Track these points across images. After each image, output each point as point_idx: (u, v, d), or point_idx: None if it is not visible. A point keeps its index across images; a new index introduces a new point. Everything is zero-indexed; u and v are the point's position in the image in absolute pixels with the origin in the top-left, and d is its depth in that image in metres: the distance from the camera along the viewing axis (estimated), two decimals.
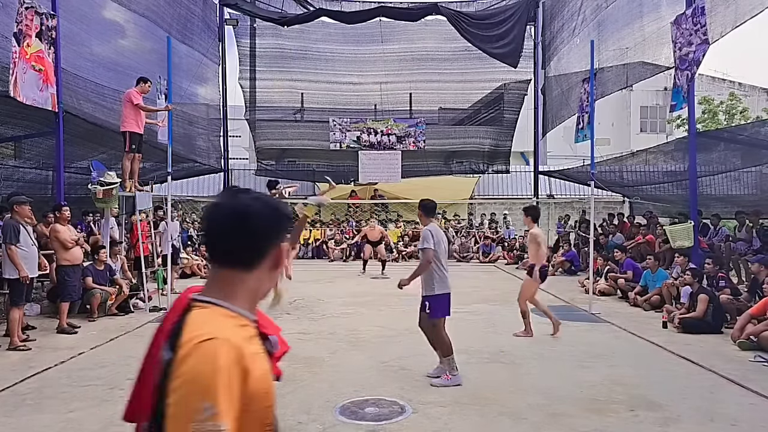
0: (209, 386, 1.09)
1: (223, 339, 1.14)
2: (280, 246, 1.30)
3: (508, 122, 20.39)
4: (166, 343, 1.21)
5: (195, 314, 1.22)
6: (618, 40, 13.21)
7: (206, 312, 1.22)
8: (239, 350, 1.15)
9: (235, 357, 1.13)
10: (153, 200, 10.20)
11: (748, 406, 4.77)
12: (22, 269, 6.61)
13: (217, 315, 1.22)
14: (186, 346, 1.14)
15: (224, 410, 1.09)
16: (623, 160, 14.62)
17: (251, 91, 20.44)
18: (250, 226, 1.26)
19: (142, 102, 9.23)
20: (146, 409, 1.23)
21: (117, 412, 4.50)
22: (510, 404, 4.76)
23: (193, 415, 1.08)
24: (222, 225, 1.27)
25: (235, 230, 1.25)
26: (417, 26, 19.56)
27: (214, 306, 1.23)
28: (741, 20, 8.51)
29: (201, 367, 1.11)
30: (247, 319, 1.26)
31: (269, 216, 1.29)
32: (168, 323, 1.26)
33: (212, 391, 1.09)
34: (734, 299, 8.18)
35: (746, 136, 10.08)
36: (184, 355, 1.13)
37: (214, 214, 1.29)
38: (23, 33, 7.95)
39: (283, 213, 1.32)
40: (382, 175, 19.59)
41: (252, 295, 1.29)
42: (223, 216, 1.27)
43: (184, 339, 1.16)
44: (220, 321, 1.20)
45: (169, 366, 1.15)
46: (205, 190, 20.25)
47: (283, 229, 1.32)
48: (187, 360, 1.12)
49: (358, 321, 8.25)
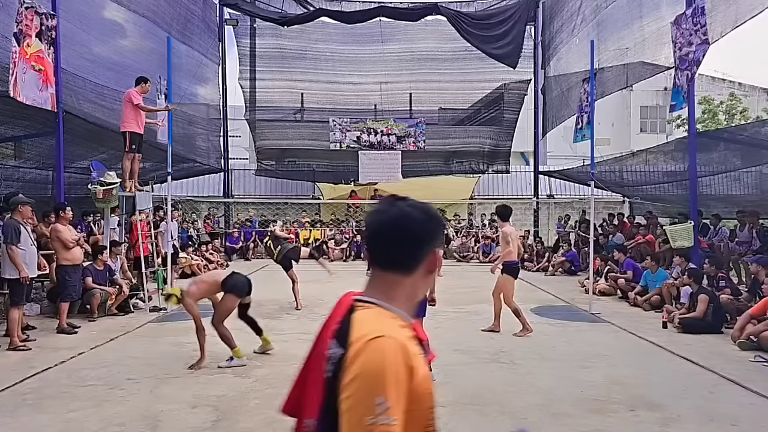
0: (381, 381, 1.14)
1: (391, 337, 1.20)
2: (434, 251, 1.36)
3: (508, 122, 20.39)
4: (333, 341, 1.27)
5: (360, 314, 1.28)
6: (618, 40, 13.21)
7: (371, 312, 1.29)
8: (406, 349, 1.20)
9: (402, 355, 1.18)
10: (153, 200, 10.20)
11: (748, 406, 4.77)
12: (23, 270, 6.62)
13: (381, 315, 1.28)
14: (357, 344, 1.19)
15: (394, 405, 1.14)
16: (623, 160, 14.62)
17: (251, 91, 20.44)
18: (408, 232, 1.32)
19: (142, 102, 9.23)
20: (314, 405, 1.28)
21: (117, 412, 4.52)
22: (510, 404, 4.76)
23: (368, 409, 1.13)
24: (383, 231, 1.34)
25: (395, 236, 1.33)
26: (417, 26, 19.56)
27: (376, 306, 1.30)
28: (741, 20, 8.50)
29: (372, 363, 1.16)
30: (405, 321, 1.31)
31: (426, 223, 1.35)
32: (333, 322, 1.33)
33: (384, 386, 1.14)
34: (734, 299, 8.18)
35: (746, 136, 10.07)
36: (355, 352, 1.18)
37: (377, 221, 1.36)
38: (23, 33, 7.95)
39: (438, 220, 1.39)
40: (382, 175, 19.59)
41: (409, 298, 1.35)
42: (384, 223, 1.35)
43: (354, 336, 1.21)
44: (384, 321, 1.26)
45: (340, 362, 1.21)
46: (205, 190, 20.25)
47: (438, 236, 1.38)
48: (359, 356, 1.17)
49: None
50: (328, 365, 1.25)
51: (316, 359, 1.33)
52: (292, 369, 5.54)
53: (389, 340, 1.19)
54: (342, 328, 1.27)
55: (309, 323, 8.08)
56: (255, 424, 4.31)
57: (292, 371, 5.26)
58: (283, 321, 8.27)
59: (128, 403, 4.75)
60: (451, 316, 8.50)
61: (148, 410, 4.59)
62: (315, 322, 7.74)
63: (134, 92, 9.16)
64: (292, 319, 8.36)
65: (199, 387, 5.16)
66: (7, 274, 6.68)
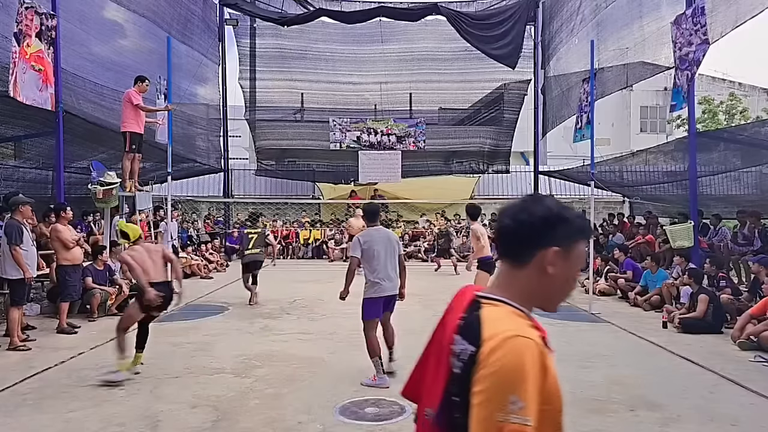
0: (517, 380, 1.15)
1: (526, 337, 1.20)
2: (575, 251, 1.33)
3: (508, 122, 20.39)
4: (458, 337, 1.28)
5: (489, 311, 1.28)
6: (618, 40, 13.20)
7: (499, 310, 1.28)
8: (540, 348, 1.21)
9: (538, 354, 1.19)
10: (153, 200, 10.19)
11: (748, 406, 4.77)
12: (28, 270, 6.63)
13: (510, 313, 1.28)
14: (491, 342, 1.19)
15: (530, 405, 1.14)
16: (623, 160, 14.62)
17: (251, 91, 20.44)
18: (522, 224, 1.32)
19: (141, 102, 9.23)
20: (435, 396, 1.30)
21: (117, 412, 4.52)
22: None
23: (501, 406, 1.13)
24: (504, 224, 1.34)
25: (511, 228, 1.33)
26: (417, 26, 19.55)
27: (503, 304, 1.30)
28: (741, 20, 8.50)
29: (509, 361, 1.16)
30: (532, 320, 1.31)
31: (544, 216, 1.32)
32: (454, 316, 1.33)
33: (520, 385, 1.15)
34: (734, 299, 8.18)
35: (746, 136, 10.07)
36: (490, 350, 1.18)
37: (502, 214, 1.36)
38: (23, 33, 7.95)
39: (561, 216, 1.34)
40: (382, 175, 19.58)
41: (527, 294, 1.33)
42: (505, 215, 1.35)
43: (487, 334, 1.21)
44: (515, 319, 1.26)
45: (471, 359, 1.21)
46: (205, 190, 20.25)
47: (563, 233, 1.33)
48: (495, 353, 1.17)
49: (358, 321, 8.21)
50: (455, 360, 1.26)
51: (438, 350, 1.36)
52: (292, 369, 5.55)
53: (525, 339, 1.19)
54: (469, 324, 1.27)
55: (309, 323, 8.08)
56: (255, 424, 4.31)
57: (291, 371, 5.27)
58: (283, 321, 8.27)
59: (128, 403, 4.75)
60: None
61: (148, 410, 4.59)
62: (315, 322, 7.78)
63: (133, 92, 9.16)
64: (292, 319, 8.36)
65: (199, 387, 5.16)
66: (9, 275, 6.68)
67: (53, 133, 9.44)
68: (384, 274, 5.27)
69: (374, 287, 5.28)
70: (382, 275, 5.26)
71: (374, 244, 5.29)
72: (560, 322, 8.17)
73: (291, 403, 4.75)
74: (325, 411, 4.55)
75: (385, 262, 5.28)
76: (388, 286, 5.31)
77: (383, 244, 5.33)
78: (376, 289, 5.28)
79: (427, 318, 8.38)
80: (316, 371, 5.67)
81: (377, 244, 5.29)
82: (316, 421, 4.35)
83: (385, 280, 5.28)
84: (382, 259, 5.27)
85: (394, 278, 5.37)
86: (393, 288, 5.38)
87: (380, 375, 5.20)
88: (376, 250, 5.27)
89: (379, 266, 5.26)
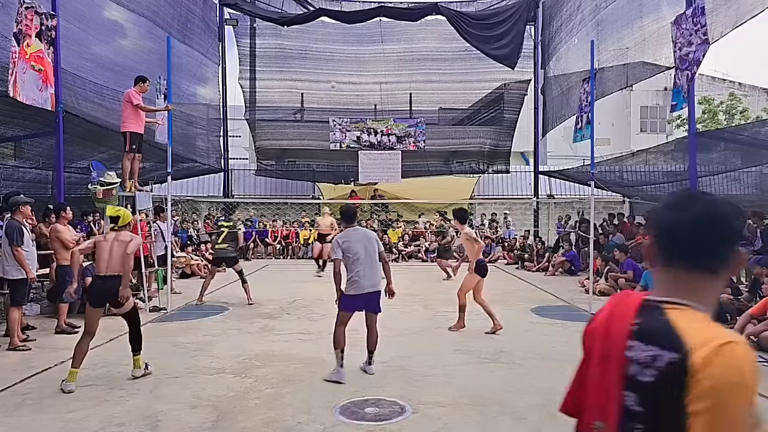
0: (746, 392, 1.11)
1: (740, 342, 1.15)
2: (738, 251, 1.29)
3: (508, 122, 20.41)
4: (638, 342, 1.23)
5: (678, 315, 1.22)
6: (618, 40, 13.22)
7: (690, 314, 1.23)
8: (753, 353, 1.15)
9: (753, 360, 1.14)
10: (153, 200, 10.18)
11: None
12: (30, 271, 6.63)
13: (704, 317, 1.23)
14: (704, 349, 1.13)
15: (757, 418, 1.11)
16: (623, 160, 14.63)
17: (251, 91, 20.46)
18: (718, 230, 1.25)
19: (141, 102, 9.23)
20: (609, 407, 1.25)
21: (117, 412, 4.52)
22: (510, 404, 4.76)
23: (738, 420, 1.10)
24: (690, 230, 1.26)
25: (705, 235, 1.25)
26: (417, 26, 19.57)
27: (688, 308, 1.24)
28: (741, 20, 8.51)
29: (734, 371, 1.11)
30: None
31: (733, 220, 1.27)
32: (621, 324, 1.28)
33: (749, 396, 1.10)
34: (734, 299, 8.17)
35: (746, 136, 10.08)
36: (706, 358, 1.12)
37: (679, 218, 1.28)
38: (23, 33, 7.95)
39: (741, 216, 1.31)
40: (382, 175, 19.60)
41: (713, 300, 1.29)
42: (690, 220, 1.26)
43: (695, 340, 1.15)
44: (712, 324, 1.21)
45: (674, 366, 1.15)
46: (205, 190, 20.26)
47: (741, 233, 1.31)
48: (714, 364, 1.12)
49: (358, 321, 8.23)
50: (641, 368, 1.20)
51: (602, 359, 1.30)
52: (292, 369, 5.53)
53: (740, 345, 1.14)
54: (654, 330, 1.22)
55: (309, 323, 8.08)
56: (255, 424, 4.31)
57: (291, 371, 5.25)
58: (283, 321, 8.27)
59: (128, 403, 4.75)
60: (451, 316, 8.49)
61: (148, 410, 4.59)
62: (315, 322, 7.77)
63: (133, 92, 9.16)
64: (292, 319, 8.36)
65: (199, 387, 5.16)
66: (9, 275, 6.68)
67: (53, 133, 9.44)
68: (363, 272, 5.40)
69: (353, 285, 5.43)
70: (361, 273, 5.39)
71: (353, 243, 5.42)
72: (560, 322, 8.18)
73: (291, 403, 4.75)
74: (325, 411, 4.55)
75: (364, 260, 5.41)
76: (366, 283, 5.42)
77: (362, 243, 5.46)
78: (355, 287, 5.43)
79: (427, 318, 8.41)
80: (316, 371, 5.67)
81: (356, 244, 5.43)
82: (316, 421, 4.35)
83: (364, 278, 5.40)
84: (361, 258, 5.40)
85: (374, 276, 5.48)
86: (373, 285, 5.48)
87: (338, 368, 5.32)
88: (355, 250, 5.40)
89: (358, 265, 5.38)
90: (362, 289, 5.41)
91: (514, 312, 8.93)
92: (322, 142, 20.25)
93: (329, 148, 20.22)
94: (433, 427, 4.28)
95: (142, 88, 9.25)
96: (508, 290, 11.43)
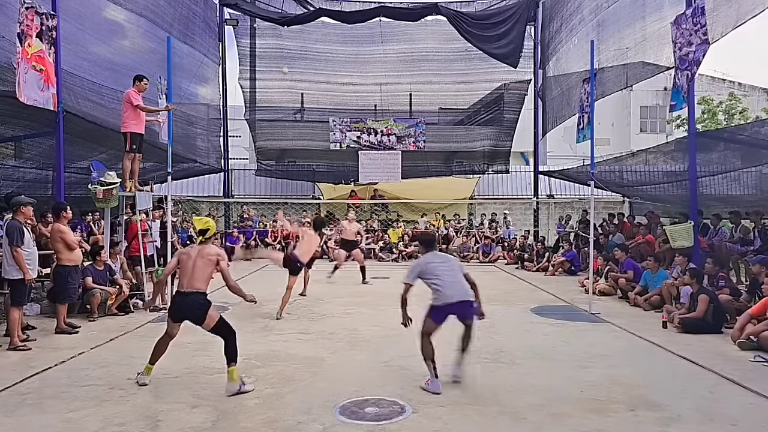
0: None
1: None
2: None
3: (508, 122, 20.40)
4: None
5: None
6: (619, 40, 13.21)
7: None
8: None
9: None
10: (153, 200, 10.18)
11: (748, 406, 4.77)
12: (28, 272, 6.62)
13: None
14: None
15: None
16: (623, 160, 14.61)
17: (251, 91, 20.46)
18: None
19: (141, 102, 9.23)
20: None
21: (117, 412, 4.52)
22: (510, 404, 4.76)
23: None
24: None
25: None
26: (417, 26, 19.58)
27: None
28: (742, 20, 8.50)
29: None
30: None
31: None
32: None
33: None
34: (734, 299, 8.18)
35: (746, 136, 10.06)
36: None
37: None
38: (24, 33, 7.96)
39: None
40: (382, 175, 19.60)
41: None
42: None
43: None
44: None
45: None
46: (205, 190, 20.27)
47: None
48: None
49: (358, 321, 8.25)
50: None
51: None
52: (292, 369, 5.54)
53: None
54: None
55: (309, 323, 8.09)
56: (255, 424, 4.32)
57: (291, 371, 5.26)
58: (283, 321, 8.27)
59: (128, 403, 4.75)
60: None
61: (148, 410, 4.59)
62: (315, 322, 7.79)
63: (133, 92, 9.16)
64: (292, 319, 8.37)
65: (199, 387, 5.17)
66: (9, 275, 6.67)
67: (53, 133, 9.44)
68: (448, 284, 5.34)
69: (440, 296, 5.34)
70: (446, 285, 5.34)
71: (433, 264, 5.43)
72: (560, 322, 8.18)
73: (291, 403, 4.75)
74: (325, 411, 4.55)
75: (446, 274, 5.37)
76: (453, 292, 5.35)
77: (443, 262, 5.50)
78: (442, 297, 5.34)
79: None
80: (316, 371, 5.67)
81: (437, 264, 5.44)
82: (316, 421, 4.36)
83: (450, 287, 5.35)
84: (443, 272, 5.37)
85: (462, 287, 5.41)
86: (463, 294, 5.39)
87: (432, 378, 5.18)
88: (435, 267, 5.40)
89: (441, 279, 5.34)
90: (451, 299, 5.30)
91: (514, 312, 8.94)
92: (322, 142, 20.26)
93: (329, 148, 20.23)
94: (433, 427, 4.28)
95: (140, 87, 9.25)
96: (508, 290, 11.43)
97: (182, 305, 5.11)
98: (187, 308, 5.07)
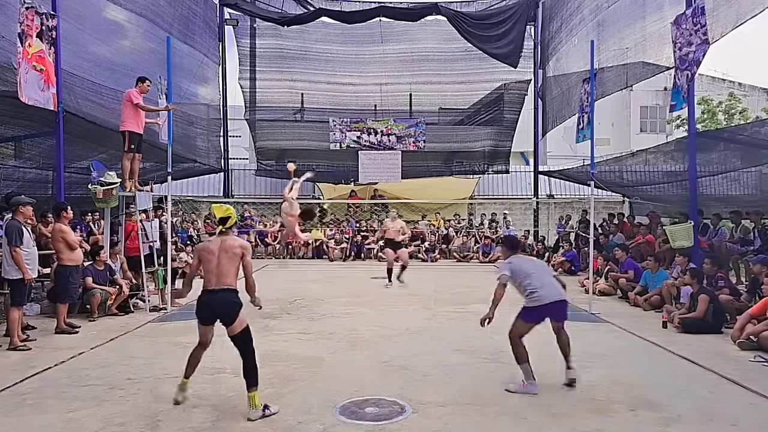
0: None
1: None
2: None
3: (508, 122, 20.41)
4: None
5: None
6: (619, 40, 13.22)
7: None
8: None
9: None
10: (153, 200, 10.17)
11: (748, 406, 4.77)
12: (27, 272, 6.61)
13: None
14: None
15: None
16: (623, 160, 14.61)
17: (251, 91, 20.47)
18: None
19: (142, 102, 9.23)
20: None
21: (117, 412, 4.52)
22: (510, 404, 4.76)
23: None
24: None
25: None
26: (417, 26, 19.58)
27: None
28: (742, 20, 8.50)
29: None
30: None
31: None
32: None
33: None
34: (734, 299, 8.17)
35: (746, 136, 10.06)
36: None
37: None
38: (24, 33, 7.96)
39: None
40: (382, 175, 19.61)
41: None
42: None
43: None
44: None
45: None
46: (205, 190, 20.27)
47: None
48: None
49: (358, 321, 8.25)
50: None
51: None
52: (292, 369, 5.53)
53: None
54: None
55: (309, 323, 8.09)
56: (255, 423, 4.32)
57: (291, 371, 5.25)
58: (283, 321, 8.27)
59: (128, 403, 4.75)
60: (451, 316, 8.50)
61: (148, 410, 4.59)
62: (315, 322, 7.78)
63: (134, 92, 9.16)
64: (292, 319, 8.36)
65: (199, 387, 5.16)
66: (9, 275, 6.67)
67: (53, 133, 9.44)
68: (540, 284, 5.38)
69: (534, 297, 5.36)
70: (538, 285, 5.37)
71: (521, 264, 5.52)
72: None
73: (291, 403, 4.75)
74: (325, 411, 4.55)
75: (536, 274, 5.42)
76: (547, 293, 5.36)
77: (531, 263, 5.66)
78: (536, 298, 5.35)
79: (427, 318, 8.41)
80: (316, 371, 5.67)
81: (524, 263, 5.55)
82: (316, 421, 4.36)
83: (543, 288, 5.37)
84: (533, 273, 5.42)
85: (555, 286, 5.46)
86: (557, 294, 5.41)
87: (530, 381, 5.16)
88: (524, 268, 5.47)
89: (531, 279, 5.38)
90: (545, 300, 5.28)
91: (514, 312, 8.92)
92: (321, 142, 20.27)
93: (329, 148, 20.24)
94: (433, 427, 4.28)
95: (143, 88, 9.25)
96: (508, 290, 11.40)
97: (212, 304, 4.63)
98: (218, 306, 4.62)
